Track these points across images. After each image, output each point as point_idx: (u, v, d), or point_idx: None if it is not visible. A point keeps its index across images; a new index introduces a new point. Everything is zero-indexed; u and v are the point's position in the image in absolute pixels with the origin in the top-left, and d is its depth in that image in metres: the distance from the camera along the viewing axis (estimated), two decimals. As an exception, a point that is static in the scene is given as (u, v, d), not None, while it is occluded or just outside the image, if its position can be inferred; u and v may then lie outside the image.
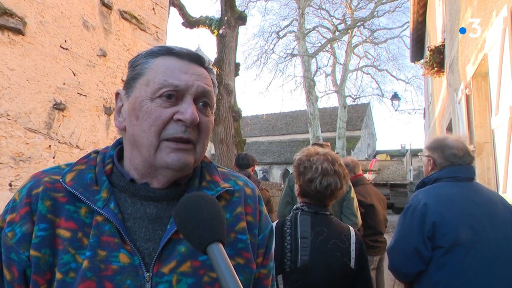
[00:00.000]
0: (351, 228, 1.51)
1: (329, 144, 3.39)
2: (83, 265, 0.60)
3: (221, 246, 0.51)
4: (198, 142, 0.68)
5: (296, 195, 1.60)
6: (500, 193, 2.64)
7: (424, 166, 1.95)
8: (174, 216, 0.57)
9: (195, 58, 0.70)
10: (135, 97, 0.67)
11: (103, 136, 3.41)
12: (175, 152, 0.65)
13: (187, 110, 0.64)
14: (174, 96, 0.65)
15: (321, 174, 1.47)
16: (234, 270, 0.49)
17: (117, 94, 0.73)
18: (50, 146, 2.98)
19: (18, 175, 2.73)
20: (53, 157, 3.01)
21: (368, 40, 20.81)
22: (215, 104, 0.73)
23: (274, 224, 1.41)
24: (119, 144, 0.75)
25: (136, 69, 0.69)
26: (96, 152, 0.74)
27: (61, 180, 0.65)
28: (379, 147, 32.96)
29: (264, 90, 62.28)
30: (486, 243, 1.52)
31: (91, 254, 0.60)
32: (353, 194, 3.08)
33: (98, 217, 0.63)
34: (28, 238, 0.61)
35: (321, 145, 3.27)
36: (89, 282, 0.59)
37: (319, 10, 20.43)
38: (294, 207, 1.55)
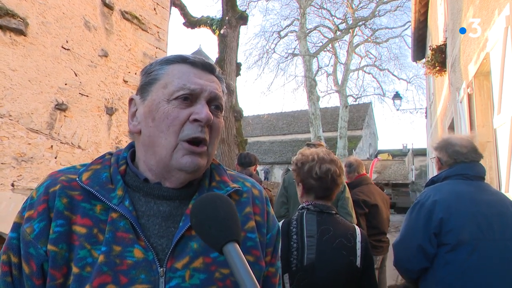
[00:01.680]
0: (356, 227, 1.51)
1: (322, 143, 3.39)
2: (99, 259, 0.62)
3: (236, 245, 0.53)
4: (210, 143, 0.72)
5: (299, 197, 1.59)
6: (503, 192, 2.63)
7: (435, 166, 1.96)
8: (190, 216, 0.59)
9: (207, 67, 0.75)
10: (152, 100, 0.70)
11: (104, 136, 3.42)
12: (190, 155, 0.68)
13: (202, 110, 0.68)
14: (189, 99, 0.69)
15: (318, 161, 1.50)
16: (250, 269, 0.51)
17: (131, 100, 0.76)
18: (52, 146, 2.99)
19: (20, 175, 2.74)
20: (55, 157, 3.01)
21: (369, 39, 20.78)
22: (224, 108, 0.78)
23: (280, 223, 1.40)
24: (131, 147, 0.79)
25: (151, 75, 0.73)
26: (110, 153, 0.77)
27: (77, 179, 0.69)
28: (381, 146, 32.91)
29: (265, 90, 62.31)
30: (492, 243, 1.51)
31: (106, 249, 0.63)
32: (347, 194, 3.07)
33: (113, 214, 0.66)
34: (45, 234, 0.64)
35: (313, 144, 3.27)
36: (105, 276, 0.61)
37: (320, 10, 20.44)
38: (300, 206, 1.55)
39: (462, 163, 1.71)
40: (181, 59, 0.73)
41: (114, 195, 0.67)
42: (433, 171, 11.06)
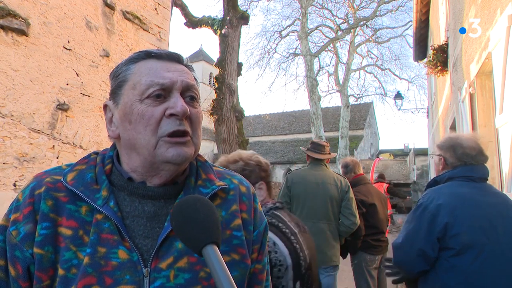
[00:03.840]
0: None
1: (327, 143, 3.38)
2: (84, 261, 0.62)
3: (215, 248, 0.54)
4: (193, 134, 0.70)
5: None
6: (505, 192, 2.62)
7: (435, 165, 1.88)
8: (170, 219, 0.59)
9: (174, 57, 0.73)
10: (124, 103, 0.69)
11: (106, 136, 3.42)
12: (174, 147, 0.67)
13: (177, 103, 0.67)
14: (162, 95, 0.68)
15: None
16: (228, 271, 0.51)
17: (105, 106, 0.74)
18: (53, 146, 2.99)
19: (22, 175, 2.74)
20: (57, 157, 3.02)
21: (370, 39, 20.73)
22: (200, 97, 0.76)
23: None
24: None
25: (119, 77, 0.72)
26: (96, 153, 0.76)
27: (62, 179, 0.68)
28: (382, 146, 32.85)
29: (266, 90, 62.28)
30: (498, 247, 1.47)
31: (91, 251, 0.63)
32: (351, 194, 3.08)
33: (98, 215, 0.66)
34: (31, 236, 0.63)
35: (322, 145, 3.26)
36: (90, 277, 0.61)
37: (321, 10, 20.39)
38: (268, 206, 1.41)
39: (471, 165, 1.67)
40: (145, 55, 0.72)
41: (99, 196, 0.67)
42: (434, 171, 10.99)
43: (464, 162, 1.68)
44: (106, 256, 0.63)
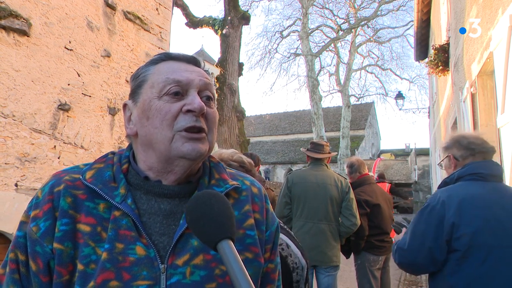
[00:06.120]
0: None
1: (327, 143, 3.37)
2: (102, 257, 0.64)
3: (231, 243, 0.54)
4: (208, 132, 0.72)
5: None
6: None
7: (446, 169, 1.81)
8: (185, 214, 0.60)
9: (192, 60, 0.77)
10: (143, 101, 0.72)
11: (107, 136, 3.42)
12: (190, 142, 0.68)
13: (194, 100, 0.69)
14: (180, 92, 0.70)
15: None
16: (243, 266, 0.51)
17: (125, 105, 0.77)
18: (55, 146, 3.00)
19: (24, 175, 2.75)
20: (58, 158, 3.02)
21: (371, 39, 20.72)
22: (216, 99, 0.79)
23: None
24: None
25: (139, 78, 0.75)
26: (113, 153, 0.79)
27: (81, 177, 0.70)
28: (383, 146, 32.82)
29: (267, 90, 62.20)
30: (508, 250, 1.42)
31: (109, 246, 0.65)
32: (352, 195, 3.07)
33: (116, 212, 0.67)
34: (51, 232, 0.65)
35: (321, 145, 3.26)
36: (108, 272, 0.63)
37: (322, 10, 20.39)
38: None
39: (481, 161, 1.62)
40: (164, 56, 0.75)
41: (117, 193, 0.69)
42: (435, 170, 11.00)
43: (473, 150, 1.64)
44: (124, 252, 0.64)
